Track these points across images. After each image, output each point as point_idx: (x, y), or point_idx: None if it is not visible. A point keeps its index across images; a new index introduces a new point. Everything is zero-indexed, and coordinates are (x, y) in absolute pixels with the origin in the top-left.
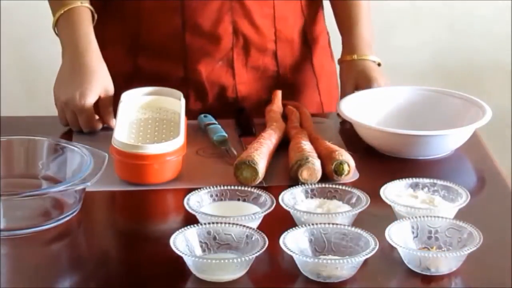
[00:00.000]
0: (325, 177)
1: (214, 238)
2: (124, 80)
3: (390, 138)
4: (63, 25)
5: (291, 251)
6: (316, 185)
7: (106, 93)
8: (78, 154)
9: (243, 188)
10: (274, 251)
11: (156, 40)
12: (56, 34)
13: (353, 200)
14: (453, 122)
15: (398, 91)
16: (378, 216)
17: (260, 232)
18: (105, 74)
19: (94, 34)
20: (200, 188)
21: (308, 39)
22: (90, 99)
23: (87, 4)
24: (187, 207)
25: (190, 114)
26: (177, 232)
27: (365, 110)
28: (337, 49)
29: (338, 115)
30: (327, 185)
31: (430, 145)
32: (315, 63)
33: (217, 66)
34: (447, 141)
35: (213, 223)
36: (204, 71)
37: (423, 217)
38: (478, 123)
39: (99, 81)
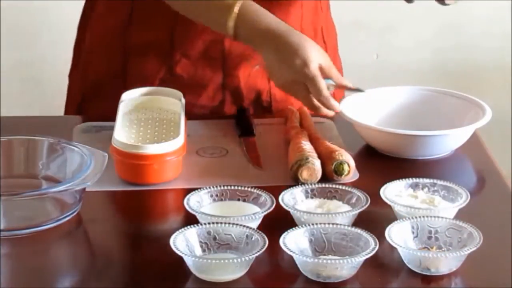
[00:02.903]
0: (325, 177)
1: (214, 238)
2: (158, 86)
3: (390, 138)
4: (245, 22)
5: (291, 251)
6: (316, 185)
7: (324, 57)
8: (78, 154)
9: (243, 188)
10: (274, 251)
11: (193, 47)
12: (233, 36)
13: (353, 200)
14: (453, 122)
15: (398, 91)
16: (378, 216)
17: (260, 232)
18: (314, 43)
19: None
20: (200, 188)
21: (324, 36)
22: (313, 65)
23: None
24: (187, 207)
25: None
26: (177, 232)
27: (365, 110)
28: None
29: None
30: (327, 185)
31: (430, 145)
32: None
33: (253, 71)
34: (447, 141)
35: (213, 223)
36: (242, 76)
37: (423, 217)
38: (478, 123)
39: (312, 49)
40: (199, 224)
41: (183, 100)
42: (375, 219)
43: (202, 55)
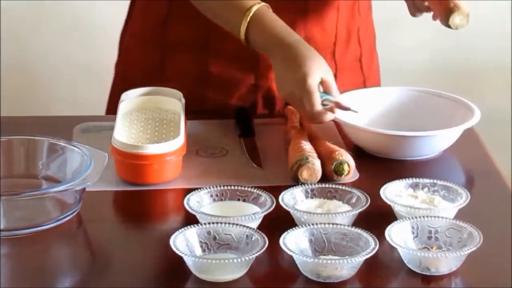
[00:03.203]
0: (325, 177)
1: (214, 238)
2: (193, 83)
3: (379, 139)
4: (257, 27)
5: (291, 251)
6: (316, 185)
7: (327, 73)
8: (78, 154)
9: (243, 188)
10: (274, 251)
11: (227, 47)
12: (245, 40)
13: (353, 200)
14: (442, 123)
15: (387, 92)
16: (378, 216)
17: (260, 232)
18: (321, 58)
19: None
20: (200, 188)
21: (360, 37)
22: (311, 79)
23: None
24: (187, 207)
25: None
26: (177, 232)
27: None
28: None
29: None
30: (327, 185)
31: (418, 146)
32: (363, 61)
33: None
34: (435, 142)
35: (213, 223)
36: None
37: (423, 217)
38: (467, 124)
39: (317, 64)
40: (199, 224)
41: (183, 100)
42: (375, 219)
43: (235, 56)
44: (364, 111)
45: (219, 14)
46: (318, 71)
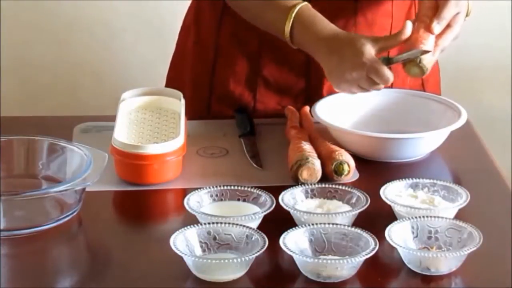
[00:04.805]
0: (325, 177)
1: (214, 238)
2: (246, 83)
3: (365, 141)
4: (300, 26)
5: (291, 251)
6: (316, 185)
7: (373, 42)
8: (78, 154)
9: (243, 188)
10: (274, 251)
11: (281, 52)
12: (290, 41)
13: (353, 200)
14: (428, 124)
15: (373, 94)
16: (378, 216)
17: (260, 232)
18: (362, 35)
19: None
20: (200, 188)
21: None
22: (368, 51)
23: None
24: (187, 207)
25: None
26: (177, 232)
27: (340, 112)
28: None
29: None
30: (327, 185)
31: (402, 148)
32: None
33: None
34: (420, 145)
35: (213, 223)
36: (325, 84)
37: (423, 217)
38: (453, 126)
39: (362, 41)
40: (199, 224)
41: (183, 100)
42: (375, 219)
43: (287, 61)
44: (350, 113)
45: (259, 16)
46: (368, 44)
